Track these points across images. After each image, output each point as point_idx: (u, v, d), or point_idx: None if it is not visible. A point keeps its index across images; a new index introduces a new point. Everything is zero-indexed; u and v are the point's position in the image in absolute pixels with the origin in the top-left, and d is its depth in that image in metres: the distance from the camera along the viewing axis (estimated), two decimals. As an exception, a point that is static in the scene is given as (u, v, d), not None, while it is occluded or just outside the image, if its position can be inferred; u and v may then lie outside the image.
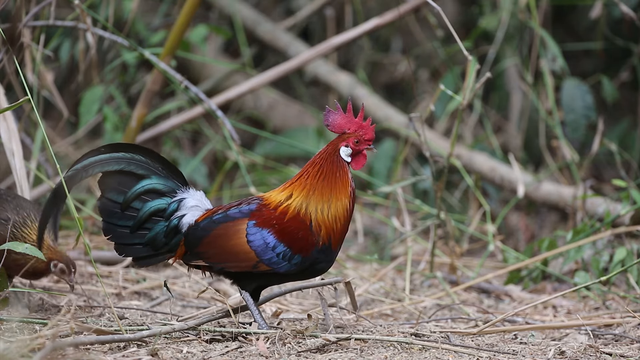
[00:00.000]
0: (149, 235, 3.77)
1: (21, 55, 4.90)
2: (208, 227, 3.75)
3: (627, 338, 4.07)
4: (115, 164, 3.75)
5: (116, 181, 3.77)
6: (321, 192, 3.74)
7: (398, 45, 7.27)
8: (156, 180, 3.78)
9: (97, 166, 3.74)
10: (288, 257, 3.73)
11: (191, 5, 5.12)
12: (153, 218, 3.78)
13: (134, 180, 3.77)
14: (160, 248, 3.78)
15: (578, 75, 6.14)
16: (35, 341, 3.47)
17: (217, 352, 3.65)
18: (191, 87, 5.07)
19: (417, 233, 5.36)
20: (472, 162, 5.97)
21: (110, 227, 3.78)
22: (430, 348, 3.74)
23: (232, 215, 3.76)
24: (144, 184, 3.77)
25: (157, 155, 3.81)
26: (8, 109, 4.15)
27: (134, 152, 3.78)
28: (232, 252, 3.73)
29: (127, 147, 3.79)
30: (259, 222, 3.74)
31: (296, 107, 7.01)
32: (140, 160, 3.78)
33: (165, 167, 3.80)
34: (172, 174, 3.81)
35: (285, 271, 3.74)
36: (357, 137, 3.76)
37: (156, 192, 3.78)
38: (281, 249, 3.73)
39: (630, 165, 5.96)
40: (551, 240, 5.17)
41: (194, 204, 3.79)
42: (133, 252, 3.79)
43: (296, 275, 3.78)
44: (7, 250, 3.90)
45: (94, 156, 3.75)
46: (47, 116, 6.24)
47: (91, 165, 3.74)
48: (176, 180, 3.81)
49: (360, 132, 3.77)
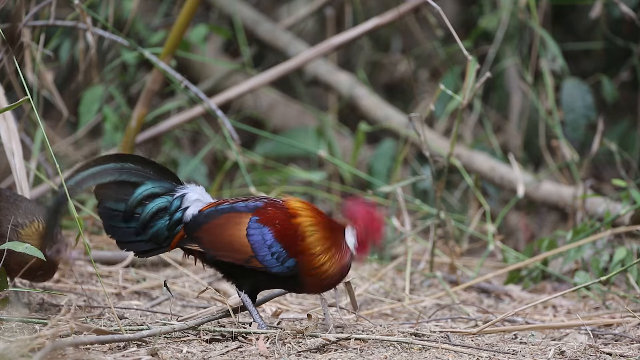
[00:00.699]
0: (151, 231, 3.81)
1: (21, 55, 4.90)
2: (211, 215, 3.79)
3: (627, 338, 4.07)
4: (108, 175, 3.79)
5: (112, 190, 3.81)
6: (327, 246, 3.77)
7: (398, 45, 7.27)
8: (151, 185, 3.82)
9: (90, 180, 3.78)
10: (282, 258, 3.74)
11: (191, 5, 5.12)
12: (156, 216, 3.81)
13: (129, 188, 3.80)
14: (162, 241, 3.81)
15: (578, 75, 6.14)
16: (35, 341, 3.47)
17: (217, 352, 3.65)
18: (191, 87, 5.07)
19: (417, 233, 5.36)
20: (472, 162, 5.96)
21: (112, 228, 3.83)
22: (430, 348, 3.74)
23: (237, 208, 3.79)
24: (141, 191, 3.81)
25: (147, 160, 3.84)
26: (8, 109, 4.15)
27: (123, 161, 3.81)
28: (228, 242, 3.75)
29: (116, 157, 3.83)
30: (262, 219, 3.76)
31: (296, 107, 7.01)
32: (132, 168, 3.81)
33: (156, 171, 3.84)
34: (164, 176, 3.84)
35: (277, 272, 3.75)
36: (365, 236, 3.79)
37: (154, 195, 3.82)
38: (277, 249, 3.75)
39: (630, 165, 5.96)
40: (551, 240, 5.17)
41: (197, 197, 3.83)
42: (135, 247, 3.83)
43: (285, 282, 3.79)
44: (8, 251, 3.90)
45: (85, 170, 3.78)
46: (47, 116, 6.24)
47: (84, 179, 3.77)
48: (170, 181, 3.84)
49: (368, 235, 3.79)
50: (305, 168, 6.67)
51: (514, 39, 6.28)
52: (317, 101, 7.23)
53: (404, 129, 6.07)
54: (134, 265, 4.99)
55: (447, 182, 6.03)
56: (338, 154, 6.43)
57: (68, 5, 5.66)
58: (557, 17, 6.74)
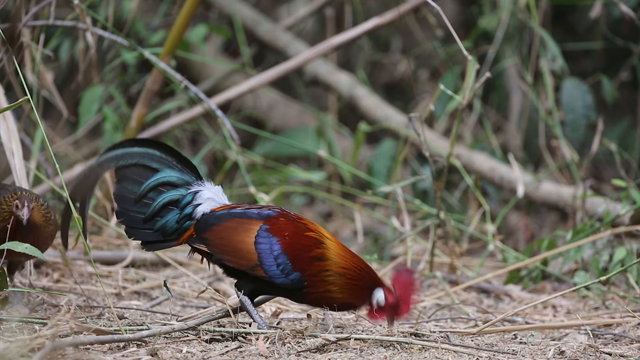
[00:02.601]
0: (160, 222, 3.82)
1: (21, 55, 4.90)
2: (223, 217, 3.80)
3: (627, 338, 4.07)
4: (129, 159, 3.83)
5: (132, 172, 3.84)
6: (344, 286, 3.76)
7: (398, 45, 7.27)
8: (170, 173, 3.85)
9: (114, 161, 3.83)
10: (287, 271, 3.75)
11: (191, 5, 5.12)
12: (167, 207, 3.82)
13: (149, 172, 3.84)
14: (170, 234, 3.83)
15: (578, 75, 6.14)
16: (35, 341, 3.47)
17: (217, 352, 3.65)
18: (191, 87, 5.07)
19: (416, 233, 5.36)
20: (472, 162, 5.97)
21: (123, 212, 3.84)
22: (430, 348, 3.74)
23: (249, 214, 3.80)
24: (159, 176, 3.84)
25: (172, 149, 3.89)
26: (8, 109, 4.15)
27: (148, 147, 3.85)
28: (236, 247, 3.76)
29: (142, 142, 3.87)
30: (272, 229, 3.77)
31: (296, 107, 7.01)
32: (155, 155, 3.85)
33: (179, 161, 3.88)
34: (186, 168, 3.87)
35: (280, 284, 3.75)
36: (395, 301, 3.75)
37: (171, 184, 3.84)
38: (283, 260, 3.75)
39: (630, 165, 5.96)
40: (551, 240, 5.17)
41: (210, 196, 3.85)
42: (142, 236, 3.84)
43: (288, 292, 3.80)
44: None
45: (111, 151, 3.83)
46: (47, 116, 6.24)
47: (109, 160, 3.83)
48: (191, 174, 3.87)
49: (401, 303, 3.76)
50: (305, 168, 6.67)
51: (514, 39, 6.28)
52: (317, 101, 7.23)
53: (404, 129, 6.07)
54: (133, 266, 4.99)
55: (447, 182, 6.03)
56: (338, 154, 6.44)
57: (68, 5, 5.66)
58: (557, 17, 6.74)
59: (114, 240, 5.25)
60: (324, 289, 3.75)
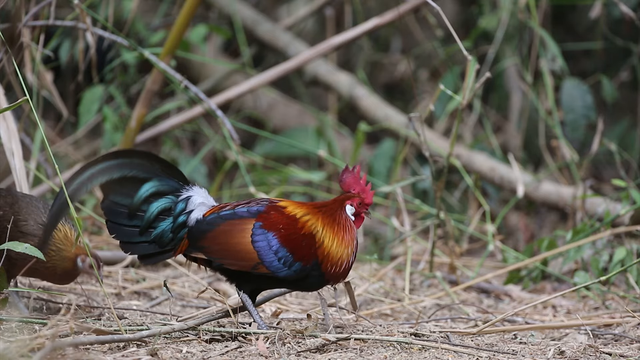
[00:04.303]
0: (155, 232, 3.79)
1: (21, 55, 4.90)
2: (214, 222, 3.77)
3: (627, 338, 4.07)
4: (117, 171, 3.76)
5: (118, 185, 3.78)
6: (334, 233, 3.78)
7: (398, 45, 7.27)
8: (158, 182, 3.80)
9: (100, 175, 3.75)
10: (289, 263, 3.74)
11: (191, 5, 5.12)
12: (160, 217, 3.79)
13: (136, 183, 3.78)
14: (166, 244, 3.79)
15: (578, 75, 6.14)
16: (35, 341, 3.47)
17: (217, 352, 3.65)
18: (191, 87, 5.07)
19: (416, 233, 5.36)
20: (472, 162, 5.97)
21: (115, 227, 3.80)
22: (430, 348, 3.74)
23: (239, 214, 3.77)
24: (147, 187, 3.79)
25: (155, 157, 3.83)
26: (8, 109, 4.15)
27: (132, 157, 3.79)
28: (234, 250, 3.74)
29: (125, 153, 3.83)
30: (265, 225, 3.76)
31: (296, 107, 7.01)
32: (140, 164, 3.79)
33: (164, 168, 3.82)
34: (172, 174, 3.82)
35: (284, 276, 3.75)
36: (360, 199, 3.83)
37: (160, 193, 3.80)
38: (283, 253, 3.74)
39: (630, 165, 5.96)
40: (551, 240, 5.17)
41: (201, 200, 3.81)
42: (139, 250, 3.80)
43: (292, 284, 3.80)
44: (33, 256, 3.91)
45: (95, 166, 3.75)
46: (47, 116, 6.24)
47: (94, 175, 3.75)
48: (177, 180, 3.82)
49: (363, 196, 3.83)
50: (305, 168, 6.67)
51: (514, 39, 6.28)
52: (317, 101, 7.23)
53: (404, 129, 6.07)
54: (133, 266, 4.99)
55: (447, 182, 6.03)
56: (338, 154, 6.44)
57: (68, 5, 5.66)
58: (557, 17, 6.74)
59: (113, 241, 5.24)
60: (332, 257, 3.75)
